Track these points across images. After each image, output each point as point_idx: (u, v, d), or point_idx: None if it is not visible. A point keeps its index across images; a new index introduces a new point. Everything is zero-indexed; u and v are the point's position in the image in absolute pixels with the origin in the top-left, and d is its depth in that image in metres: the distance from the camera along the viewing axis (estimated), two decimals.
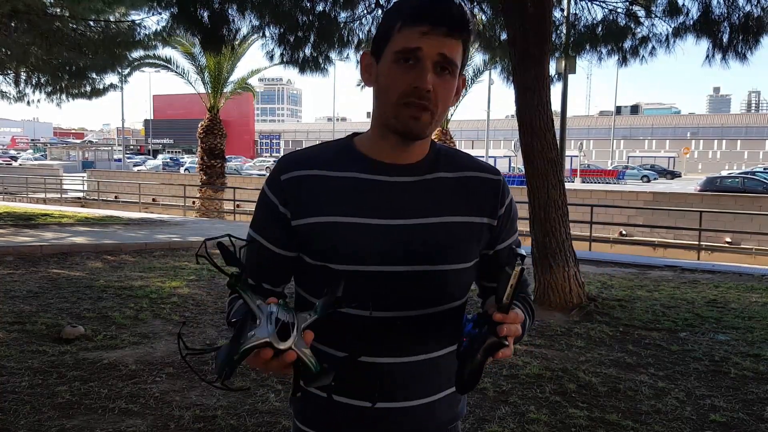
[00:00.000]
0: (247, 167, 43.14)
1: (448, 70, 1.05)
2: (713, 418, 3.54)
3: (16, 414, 3.38)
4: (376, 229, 1.08)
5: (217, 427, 3.31)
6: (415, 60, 1.03)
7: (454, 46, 1.04)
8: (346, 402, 1.12)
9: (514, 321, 0.98)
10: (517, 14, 5.87)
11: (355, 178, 1.11)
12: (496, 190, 1.17)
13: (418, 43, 1.02)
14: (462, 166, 1.17)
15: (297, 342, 0.88)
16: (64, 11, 10.19)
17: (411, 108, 1.04)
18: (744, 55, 6.82)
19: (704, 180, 26.63)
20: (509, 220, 1.20)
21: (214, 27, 7.83)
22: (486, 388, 3.90)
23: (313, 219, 1.09)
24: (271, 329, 0.86)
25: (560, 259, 5.97)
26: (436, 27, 1.02)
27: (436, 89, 1.04)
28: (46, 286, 6.60)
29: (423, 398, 1.14)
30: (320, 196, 1.10)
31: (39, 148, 67.32)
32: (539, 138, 5.89)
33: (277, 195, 1.12)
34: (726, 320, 5.73)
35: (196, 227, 12.81)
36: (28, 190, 26.77)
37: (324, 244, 1.08)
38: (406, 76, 1.04)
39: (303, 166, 1.12)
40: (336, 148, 1.17)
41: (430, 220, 1.10)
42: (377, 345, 1.10)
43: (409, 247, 1.08)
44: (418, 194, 1.12)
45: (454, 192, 1.14)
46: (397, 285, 1.08)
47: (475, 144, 67.28)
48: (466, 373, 0.97)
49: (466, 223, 1.13)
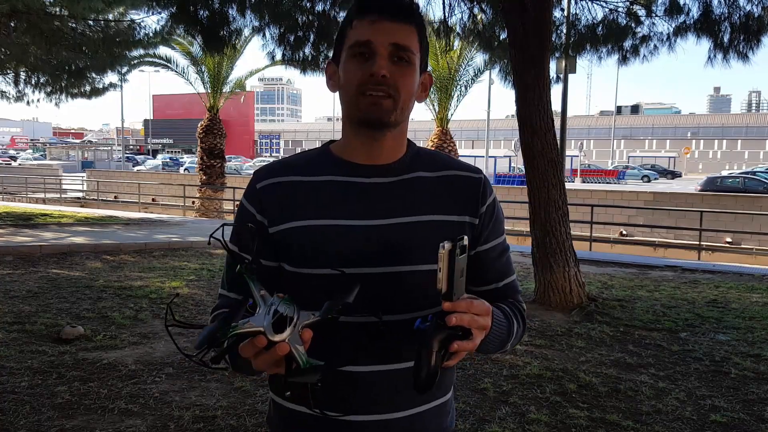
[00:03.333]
0: (246, 167, 43.12)
1: (405, 59, 1.06)
2: (714, 419, 3.53)
3: (16, 414, 3.38)
4: (354, 230, 1.07)
5: (217, 427, 3.30)
6: (369, 52, 1.04)
7: (407, 32, 1.06)
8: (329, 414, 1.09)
9: (469, 309, 0.91)
10: (517, 14, 5.87)
11: (331, 181, 1.11)
12: (476, 188, 1.15)
13: (369, 35, 1.04)
14: (442, 165, 1.16)
15: (292, 337, 0.85)
16: (64, 11, 10.18)
17: (370, 96, 1.05)
18: (746, 54, 6.82)
19: (705, 180, 26.62)
20: (492, 220, 1.17)
21: (214, 27, 7.82)
22: (486, 388, 3.90)
23: (290, 224, 1.08)
24: (268, 320, 0.84)
25: (560, 259, 5.96)
26: (383, 13, 1.04)
27: (394, 76, 1.04)
28: (45, 286, 6.59)
29: (405, 410, 1.10)
30: (296, 200, 1.09)
31: (38, 148, 67.29)
32: (539, 138, 5.88)
33: (254, 204, 1.12)
34: (726, 320, 5.73)
35: (196, 227, 12.80)
36: (27, 190, 26.75)
37: (301, 249, 1.07)
38: (362, 67, 1.05)
39: (278, 173, 1.13)
40: (312, 154, 1.17)
41: (407, 219, 1.09)
42: (357, 352, 1.07)
43: (388, 248, 1.07)
44: (396, 194, 1.10)
45: (434, 191, 1.13)
46: (378, 287, 1.06)
47: (475, 144, 67.22)
48: (421, 372, 0.89)
49: (446, 222, 1.11)
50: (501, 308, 1.13)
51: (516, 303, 1.21)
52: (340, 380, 1.07)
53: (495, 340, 1.08)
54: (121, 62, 12.45)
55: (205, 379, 4.00)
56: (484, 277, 1.18)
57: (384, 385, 1.09)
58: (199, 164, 21.24)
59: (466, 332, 0.92)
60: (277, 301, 0.87)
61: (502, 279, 1.20)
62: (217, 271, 7.73)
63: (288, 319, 0.85)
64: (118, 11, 10.47)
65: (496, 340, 1.09)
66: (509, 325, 1.12)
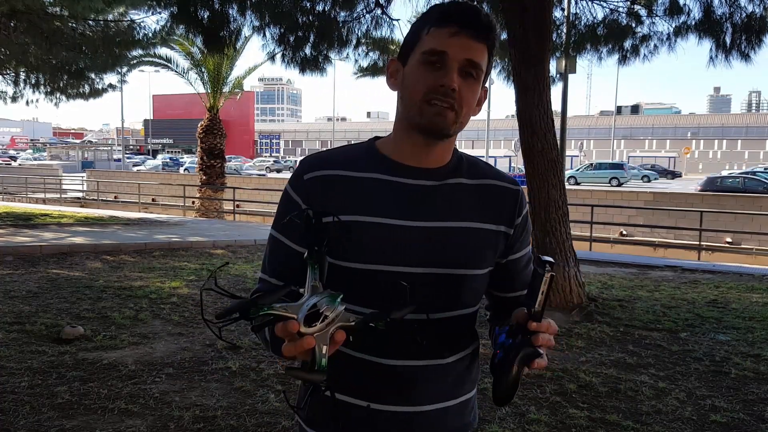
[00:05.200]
0: (246, 167, 43.15)
1: (473, 75, 1.08)
2: (714, 419, 3.53)
3: (16, 414, 3.38)
4: (395, 229, 1.09)
5: (217, 428, 3.30)
6: (442, 62, 1.06)
7: (480, 50, 1.07)
8: (352, 402, 1.12)
9: (548, 330, 0.98)
10: (517, 14, 5.86)
11: (377, 179, 1.12)
12: (514, 199, 1.19)
13: (446, 46, 1.05)
14: (482, 174, 1.19)
15: (321, 334, 0.85)
16: (64, 11, 10.18)
17: (436, 105, 1.06)
18: (747, 55, 6.82)
19: (705, 180, 26.61)
20: (524, 231, 1.21)
21: (215, 27, 7.82)
22: (486, 388, 3.89)
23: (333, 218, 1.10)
24: (304, 310, 0.84)
25: (560, 259, 5.96)
26: (464, 28, 1.06)
27: (461, 90, 1.06)
28: (45, 286, 6.59)
29: (433, 404, 1.13)
30: (341, 195, 1.11)
31: (38, 148, 67.30)
32: (539, 138, 5.88)
33: (300, 194, 1.13)
34: (726, 320, 5.73)
35: (196, 227, 12.80)
36: (27, 190, 26.74)
37: (341, 243, 1.08)
38: (433, 75, 1.06)
39: (325, 166, 1.14)
40: (358, 149, 1.19)
41: (448, 224, 1.11)
42: (391, 347, 1.09)
43: (427, 249, 1.09)
44: (438, 198, 1.13)
45: (473, 198, 1.15)
46: (413, 287, 1.07)
47: (475, 144, 67.23)
48: (503, 386, 0.96)
49: (482, 230, 1.14)
50: None
51: None
52: (371, 370, 1.09)
53: None
54: (121, 62, 12.45)
55: (205, 380, 4.00)
56: (512, 285, 1.24)
57: (415, 378, 1.11)
58: (199, 164, 21.21)
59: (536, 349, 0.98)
60: (324, 296, 0.87)
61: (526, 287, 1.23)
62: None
63: (322, 315, 0.85)
64: (118, 11, 10.47)
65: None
66: None
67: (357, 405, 1.11)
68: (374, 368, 1.09)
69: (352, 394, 1.11)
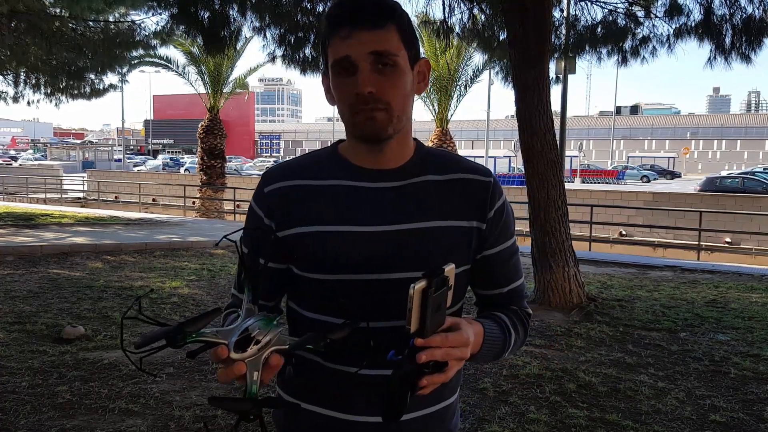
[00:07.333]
0: (247, 167, 43.11)
1: (390, 64, 1.02)
2: (713, 418, 3.54)
3: (17, 414, 3.39)
4: (361, 236, 1.05)
5: (217, 427, 3.31)
6: (351, 67, 1.01)
7: (383, 36, 1.01)
8: (330, 414, 1.10)
9: (443, 344, 0.90)
10: (516, 14, 5.87)
11: (339, 186, 1.09)
12: (485, 192, 1.13)
13: (345, 50, 1.00)
14: (452, 168, 1.14)
15: (252, 360, 0.82)
16: (64, 11, 10.18)
17: (362, 113, 1.03)
18: (748, 56, 6.82)
19: (704, 180, 26.61)
20: (500, 225, 1.14)
21: (215, 28, 7.83)
22: (486, 388, 3.91)
23: (298, 229, 1.08)
24: (236, 334, 0.81)
25: (560, 259, 5.97)
26: (355, 25, 1.00)
27: (382, 87, 1.01)
28: (46, 286, 6.60)
29: (413, 411, 1.10)
30: (304, 205, 1.08)
31: (39, 149, 67.27)
32: (539, 138, 5.89)
33: (262, 208, 1.11)
34: (726, 320, 5.74)
35: (196, 227, 12.81)
36: (28, 190, 26.75)
37: (307, 254, 1.07)
38: (348, 85, 1.02)
39: (286, 177, 1.11)
40: (320, 156, 1.16)
41: (416, 225, 1.07)
42: (364, 356, 1.06)
43: (396, 254, 1.05)
44: (403, 199, 1.08)
45: (443, 195, 1.11)
46: (385, 294, 1.05)
47: (475, 144, 67.28)
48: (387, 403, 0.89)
49: (454, 227, 1.09)
50: (499, 320, 1.13)
51: (519, 310, 1.20)
52: (346, 381, 1.07)
53: (487, 355, 1.09)
54: (122, 63, 12.44)
55: (205, 379, 4.01)
56: (489, 281, 1.18)
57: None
58: (199, 164, 21.24)
59: (441, 364, 0.91)
60: (258, 318, 0.83)
61: (508, 283, 1.19)
62: (217, 271, 7.74)
63: (254, 340, 0.81)
64: (119, 12, 10.47)
65: (489, 354, 1.09)
66: (505, 339, 1.12)
67: (335, 417, 1.09)
68: (350, 379, 1.06)
69: (329, 407, 1.10)
